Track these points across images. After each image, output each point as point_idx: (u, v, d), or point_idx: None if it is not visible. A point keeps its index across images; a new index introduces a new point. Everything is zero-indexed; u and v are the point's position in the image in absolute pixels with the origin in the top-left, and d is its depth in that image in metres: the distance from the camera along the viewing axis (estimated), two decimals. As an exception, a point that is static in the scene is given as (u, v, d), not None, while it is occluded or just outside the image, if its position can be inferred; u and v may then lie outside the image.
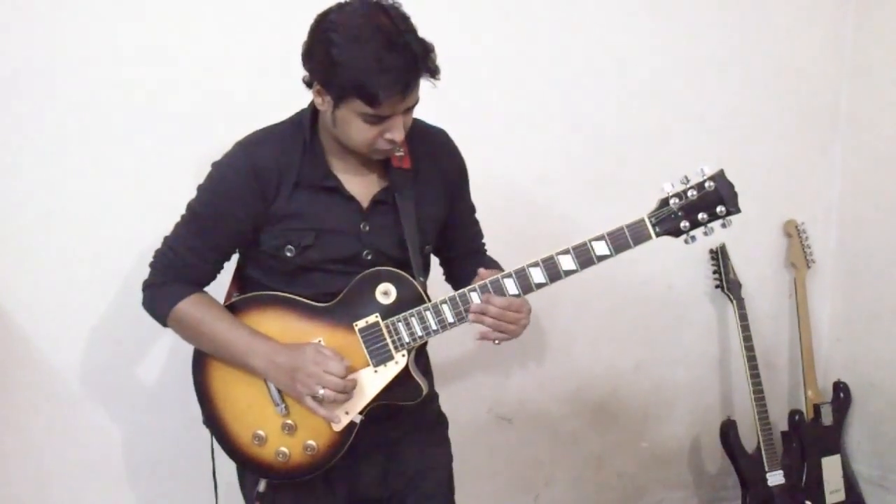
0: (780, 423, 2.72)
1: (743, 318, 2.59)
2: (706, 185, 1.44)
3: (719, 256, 2.63)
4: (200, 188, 1.52)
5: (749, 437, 2.60)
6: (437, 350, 2.33)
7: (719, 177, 1.45)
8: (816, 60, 2.72)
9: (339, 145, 1.48)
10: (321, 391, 1.43)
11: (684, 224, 1.45)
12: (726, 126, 2.62)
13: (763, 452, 2.56)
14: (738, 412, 2.68)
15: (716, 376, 2.79)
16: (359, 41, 1.31)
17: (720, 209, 1.45)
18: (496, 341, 1.51)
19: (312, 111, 1.50)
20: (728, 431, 2.59)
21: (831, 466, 2.67)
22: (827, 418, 2.69)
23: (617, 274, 2.48)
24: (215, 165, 1.51)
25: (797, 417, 2.66)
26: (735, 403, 2.79)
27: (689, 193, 1.44)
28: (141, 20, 1.89)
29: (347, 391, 1.46)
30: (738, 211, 1.46)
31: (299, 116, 1.53)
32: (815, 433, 2.68)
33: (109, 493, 2.05)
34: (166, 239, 1.56)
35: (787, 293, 2.81)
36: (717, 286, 2.65)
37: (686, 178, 1.46)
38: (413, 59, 1.33)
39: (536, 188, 2.40)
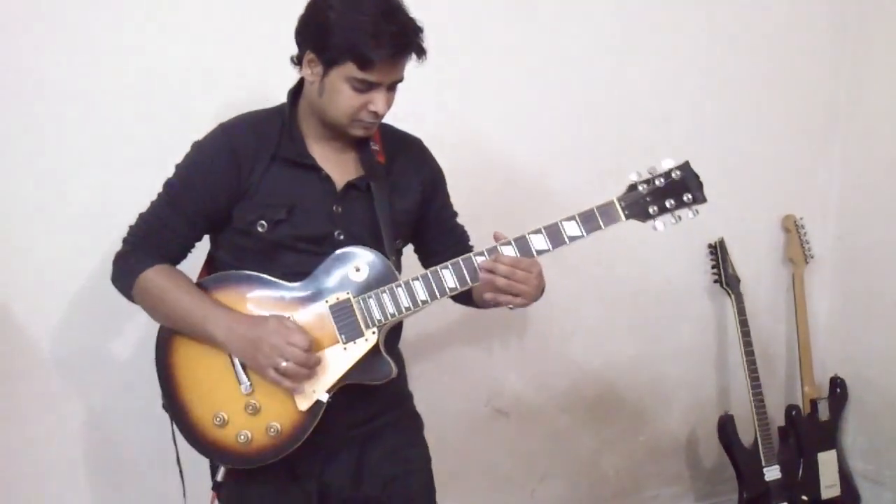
0: (777, 418, 2.71)
1: (741, 312, 2.58)
2: (673, 174, 1.50)
3: (718, 251, 2.63)
4: (178, 165, 1.55)
5: (746, 432, 2.60)
6: (434, 341, 2.35)
7: (685, 167, 1.51)
8: (816, 55, 2.70)
9: (318, 128, 1.52)
10: (283, 363, 1.41)
11: (653, 209, 1.50)
12: (726, 120, 2.61)
13: (760, 447, 2.56)
14: (735, 407, 2.68)
15: (713, 371, 2.79)
16: (357, 7, 1.38)
17: (686, 197, 1.50)
18: (510, 306, 1.49)
19: (294, 95, 1.54)
20: (725, 426, 2.59)
21: (827, 462, 2.66)
22: (823, 414, 2.69)
23: (615, 268, 2.49)
24: (194, 144, 1.54)
25: (794, 413, 2.66)
26: (732, 398, 2.78)
27: (657, 181, 1.50)
28: (133, 15, 1.90)
29: (310, 365, 1.44)
30: (704, 200, 1.51)
31: (282, 105, 1.56)
32: (812, 428, 2.67)
33: (102, 488, 2.05)
34: (140, 214, 1.56)
35: (786, 288, 2.80)
36: (715, 281, 2.65)
37: (653, 168, 1.52)
38: (408, 29, 1.40)
39: (536, 182, 2.39)
